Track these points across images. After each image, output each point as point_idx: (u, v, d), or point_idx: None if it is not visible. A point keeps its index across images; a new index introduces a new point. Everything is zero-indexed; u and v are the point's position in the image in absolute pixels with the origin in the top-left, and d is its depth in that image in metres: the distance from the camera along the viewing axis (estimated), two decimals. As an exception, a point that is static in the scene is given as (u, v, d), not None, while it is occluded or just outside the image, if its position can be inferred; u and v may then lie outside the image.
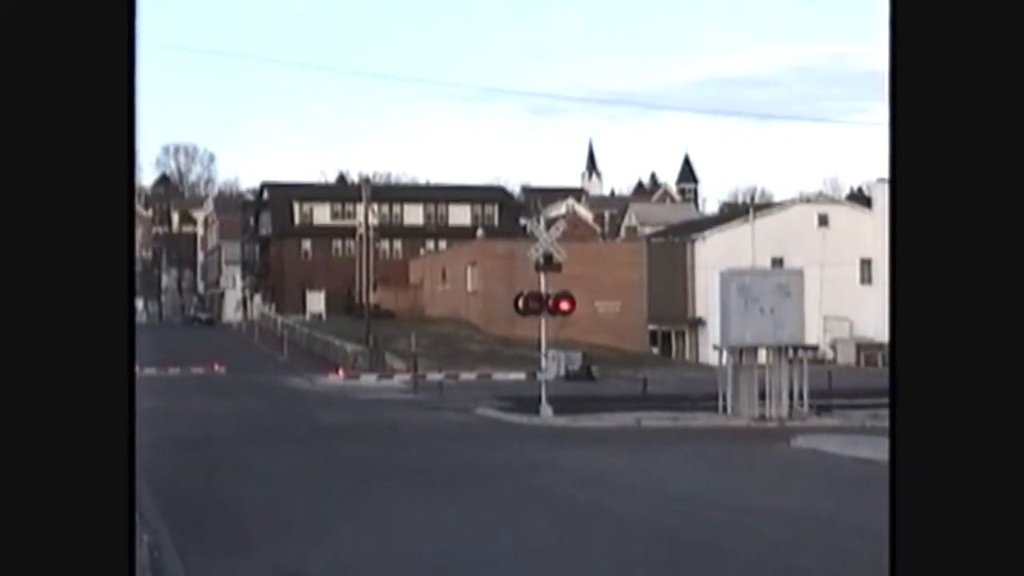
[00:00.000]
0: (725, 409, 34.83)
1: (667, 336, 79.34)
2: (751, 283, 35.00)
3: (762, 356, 35.16)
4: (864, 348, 69.93)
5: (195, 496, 19.17)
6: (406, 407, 42.18)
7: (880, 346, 64.32)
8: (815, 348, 45.52)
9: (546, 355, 37.11)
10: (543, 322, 36.82)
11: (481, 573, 12.73)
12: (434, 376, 46.95)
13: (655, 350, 77.74)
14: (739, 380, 34.85)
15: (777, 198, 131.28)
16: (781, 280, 36.16)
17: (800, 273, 36.88)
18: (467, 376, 46.60)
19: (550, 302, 36.43)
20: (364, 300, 77.71)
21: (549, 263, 36.56)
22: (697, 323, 74.75)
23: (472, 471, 22.81)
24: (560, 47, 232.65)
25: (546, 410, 35.78)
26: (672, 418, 35.43)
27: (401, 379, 50.89)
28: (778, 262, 65.78)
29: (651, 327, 78.40)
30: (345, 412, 39.91)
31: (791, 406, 34.22)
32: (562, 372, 38.39)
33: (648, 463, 24.26)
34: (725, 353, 35.44)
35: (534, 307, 36.61)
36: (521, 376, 41.90)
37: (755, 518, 16.38)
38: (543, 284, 36.82)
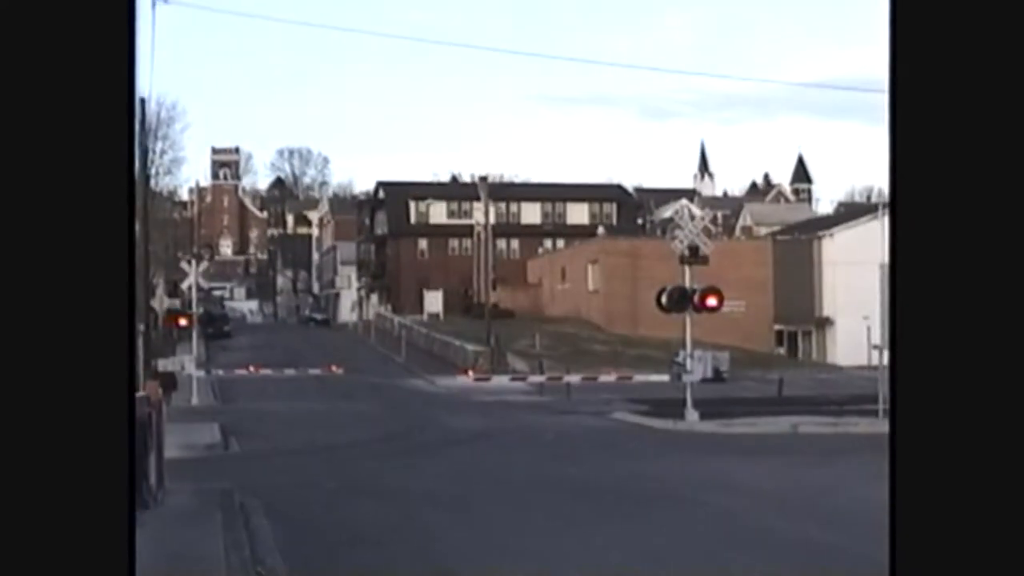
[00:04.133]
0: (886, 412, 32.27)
1: (793, 336, 76.83)
2: (915, 277, 32.28)
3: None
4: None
5: (320, 522, 16.19)
6: (536, 410, 39.94)
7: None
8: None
9: (691, 355, 34.54)
10: (688, 319, 34.20)
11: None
12: (569, 378, 44.86)
13: (780, 350, 75.20)
14: (901, 382, 32.30)
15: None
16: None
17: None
18: (605, 378, 44.39)
19: (696, 298, 33.90)
20: (483, 299, 75.83)
21: (695, 255, 34.03)
22: (825, 323, 72.28)
23: (636, 490, 19.91)
24: (671, 52, 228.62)
25: (692, 414, 33.24)
26: (830, 423, 32.73)
27: (534, 380, 48.52)
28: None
29: (776, 327, 75.80)
30: (473, 416, 37.86)
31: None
32: (709, 373, 35.70)
33: (836, 480, 21.13)
34: (886, 353, 32.86)
35: (679, 303, 34.06)
36: (652, 378, 39.77)
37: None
38: (687, 278, 34.34)
